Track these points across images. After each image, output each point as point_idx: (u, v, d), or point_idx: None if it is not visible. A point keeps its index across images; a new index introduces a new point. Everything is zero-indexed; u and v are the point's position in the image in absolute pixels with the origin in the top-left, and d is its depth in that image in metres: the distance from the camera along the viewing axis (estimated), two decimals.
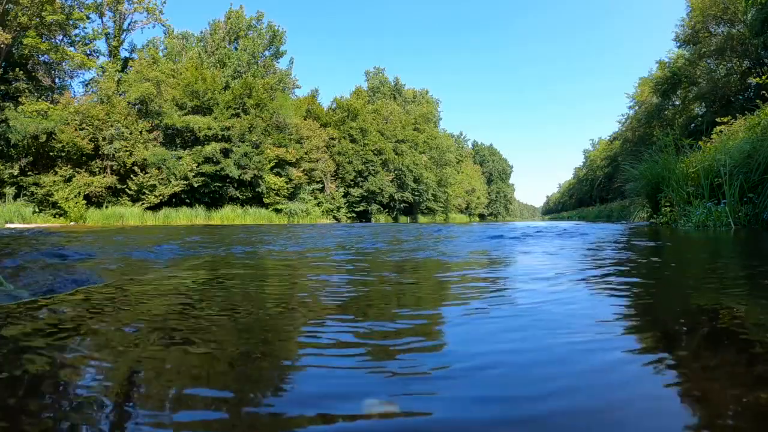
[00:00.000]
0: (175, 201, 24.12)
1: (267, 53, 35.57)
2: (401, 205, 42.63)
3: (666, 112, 30.00)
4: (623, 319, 1.13)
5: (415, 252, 3.33)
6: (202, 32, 34.99)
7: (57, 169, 20.60)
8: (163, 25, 28.70)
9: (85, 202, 20.60)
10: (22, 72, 21.31)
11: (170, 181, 23.30)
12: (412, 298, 1.50)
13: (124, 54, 27.17)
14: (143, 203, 22.58)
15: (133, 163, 22.51)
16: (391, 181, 40.39)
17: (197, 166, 24.53)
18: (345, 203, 35.86)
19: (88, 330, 1.06)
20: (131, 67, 24.57)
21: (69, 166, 20.91)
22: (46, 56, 22.35)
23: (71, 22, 22.75)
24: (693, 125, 26.17)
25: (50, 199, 19.84)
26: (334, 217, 33.77)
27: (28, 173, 20.34)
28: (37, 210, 19.44)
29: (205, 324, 1.11)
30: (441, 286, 1.79)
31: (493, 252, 3.22)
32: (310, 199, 31.02)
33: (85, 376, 0.76)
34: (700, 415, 0.60)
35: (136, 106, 24.02)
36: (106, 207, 21.71)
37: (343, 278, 2.00)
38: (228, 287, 1.75)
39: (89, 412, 0.62)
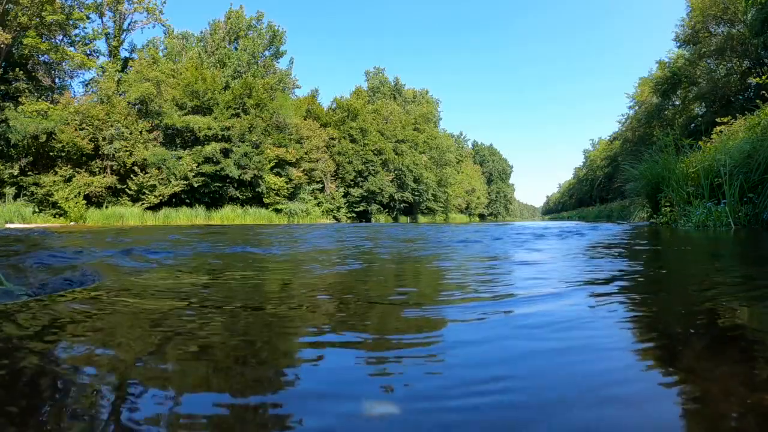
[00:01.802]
0: (175, 201, 24.11)
1: (267, 53, 35.54)
2: (401, 205, 42.62)
3: (666, 112, 29.99)
4: (625, 320, 1.13)
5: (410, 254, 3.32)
6: (202, 32, 34.98)
7: (57, 169, 20.59)
8: (163, 25, 28.68)
9: (85, 202, 20.59)
10: (22, 72, 21.29)
11: (170, 181, 23.29)
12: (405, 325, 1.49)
13: (124, 54, 27.18)
14: (143, 203, 22.57)
15: (133, 163, 22.49)
16: (391, 181, 40.37)
17: (197, 166, 24.52)
18: (345, 203, 35.85)
19: (87, 329, 1.06)
20: (131, 67, 24.54)
21: (69, 166, 20.90)
22: (46, 56, 22.32)
23: (71, 22, 22.72)
24: (693, 125, 26.16)
25: (50, 199, 19.83)
26: (334, 217, 33.75)
27: (28, 173, 20.32)
28: (37, 210, 19.43)
29: (204, 323, 1.11)
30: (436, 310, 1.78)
31: (490, 269, 3.21)
32: (310, 199, 31.01)
33: (84, 375, 0.76)
34: (703, 418, 0.60)
35: (136, 106, 24.00)
36: (106, 207, 21.69)
37: (341, 282, 1.99)
38: (226, 287, 1.75)
39: (88, 412, 0.62)
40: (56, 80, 24.12)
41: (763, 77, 9.78)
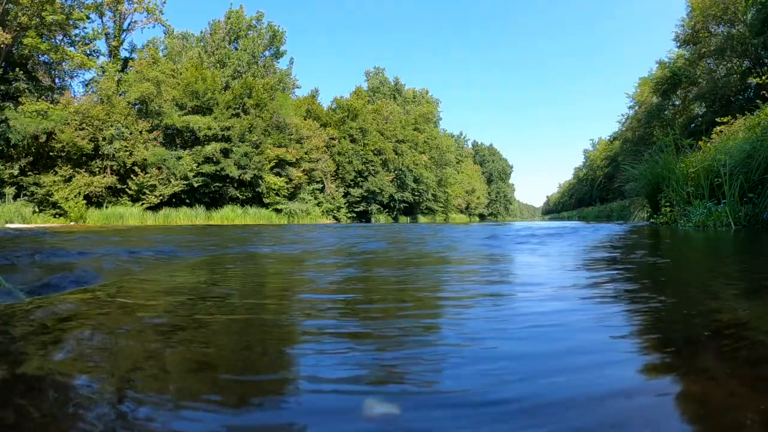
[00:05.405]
0: (175, 201, 24.10)
1: (267, 53, 35.55)
2: (401, 205, 42.60)
3: (666, 112, 30.01)
4: (627, 323, 1.13)
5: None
6: (202, 32, 34.98)
7: (57, 169, 20.58)
8: (163, 25, 28.66)
9: (85, 202, 20.59)
10: (22, 72, 21.28)
11: (170, 181, 23.28)
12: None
13: (124, 54, 27.17)
14: (143, 203, 22.57)
15: (133, 163, 22.48)
16: (391, 181, 40.36)
17: (197, 166, 24.51)
18: (345, 203, 35.82)
19: (86, 329, 1.06)
20: (131, 67, 24.54)
21: (69, 166, 20.89)
22: (46, 56, 22.31)
23: (71, 22, 22.70)
24: (693, 125, 26.17)
25: (50, 199, 19.83)
26: (334, 217, 33.74)
27: (28, 173, 20.31)
28: (37, 210, 19.42)
29: (204, 323, 1.11)
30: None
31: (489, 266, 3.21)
32: (310, 199, 30.99)
33: (84, 376, 0.75)
34: (704, 419, 0.60)
35: (136, 106, 23.99)
36: (106, 207, 21.69)
37: (342, 276, 1.99)
38: (227, 287, 1.74)
39: (88, 412, 0.62)
40: (56, 80, 24.11)
41: (763, 77, 9.79)
